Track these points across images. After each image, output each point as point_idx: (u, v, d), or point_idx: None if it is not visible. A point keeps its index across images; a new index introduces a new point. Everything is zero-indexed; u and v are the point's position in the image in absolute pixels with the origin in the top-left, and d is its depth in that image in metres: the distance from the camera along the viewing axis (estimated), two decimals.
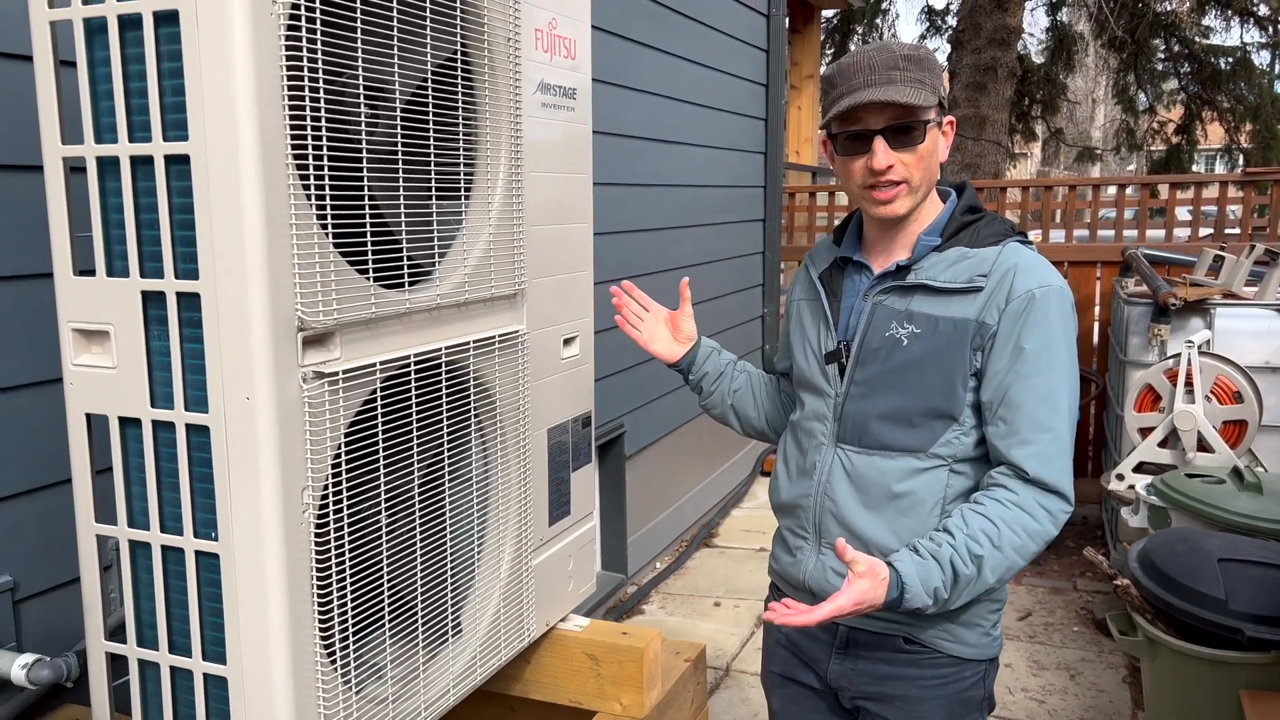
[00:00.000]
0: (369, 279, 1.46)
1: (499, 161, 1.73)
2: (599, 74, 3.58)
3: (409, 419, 1.56)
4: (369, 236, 1.46)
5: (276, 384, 1.32)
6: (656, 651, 2.05)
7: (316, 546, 1.41)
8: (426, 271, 1.61)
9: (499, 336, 1.76)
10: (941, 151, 1.61)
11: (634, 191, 4.20)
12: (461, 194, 1.68)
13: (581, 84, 2.03)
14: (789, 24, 7.25)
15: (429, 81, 1.55)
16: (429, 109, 1.55)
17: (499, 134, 1.73)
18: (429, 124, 1.56)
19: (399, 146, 1.50)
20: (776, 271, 6.06)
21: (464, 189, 1.68)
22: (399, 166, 1.51)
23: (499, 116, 1.73)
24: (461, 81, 1.63)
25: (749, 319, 5.76)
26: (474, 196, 1.71)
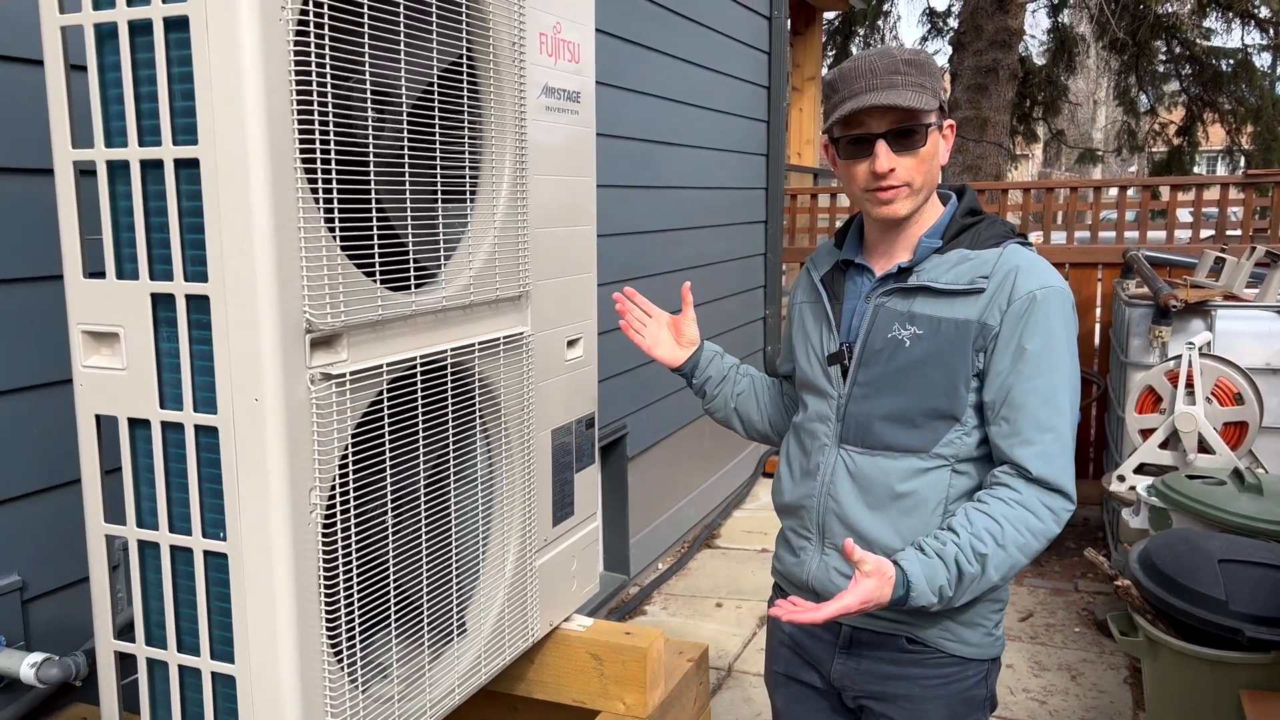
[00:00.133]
0: (376, 281, 1.47)
1: (504, 164, 1.75)
2: (602, 76, 3.59)
3: (415, 420, 1.58)
4: (376, 239, 1.47)
5: (285, 385, 1.34)
6: (660, 651, 2.06)
7: (324, 547, 1.42)
8: (432, 274, 1.62)
9: (504, 338, 1.78)
10: (942, 154, 1.63)
11: (636, 193, 4.21)
12: (467, 197, 1.69)
13: (585, 87, 2.05)
14: (790, 26, 7.25)
15: (435, 85, 1.56)
16: (435, 112, 1.56)
17: (504, 137, 1.74)
18: (435, 127, 1.57)
19: (405, 150, 1.52)
20: (778, 273, 6.07)
21: (469, 192, 1.69)
22: (405, 170, 1.52)
23: (504, 120, 1.74)
24: (467, 85, 1.64)
25: (750, 320, 5.77)
26: (479, 199, 1.72)
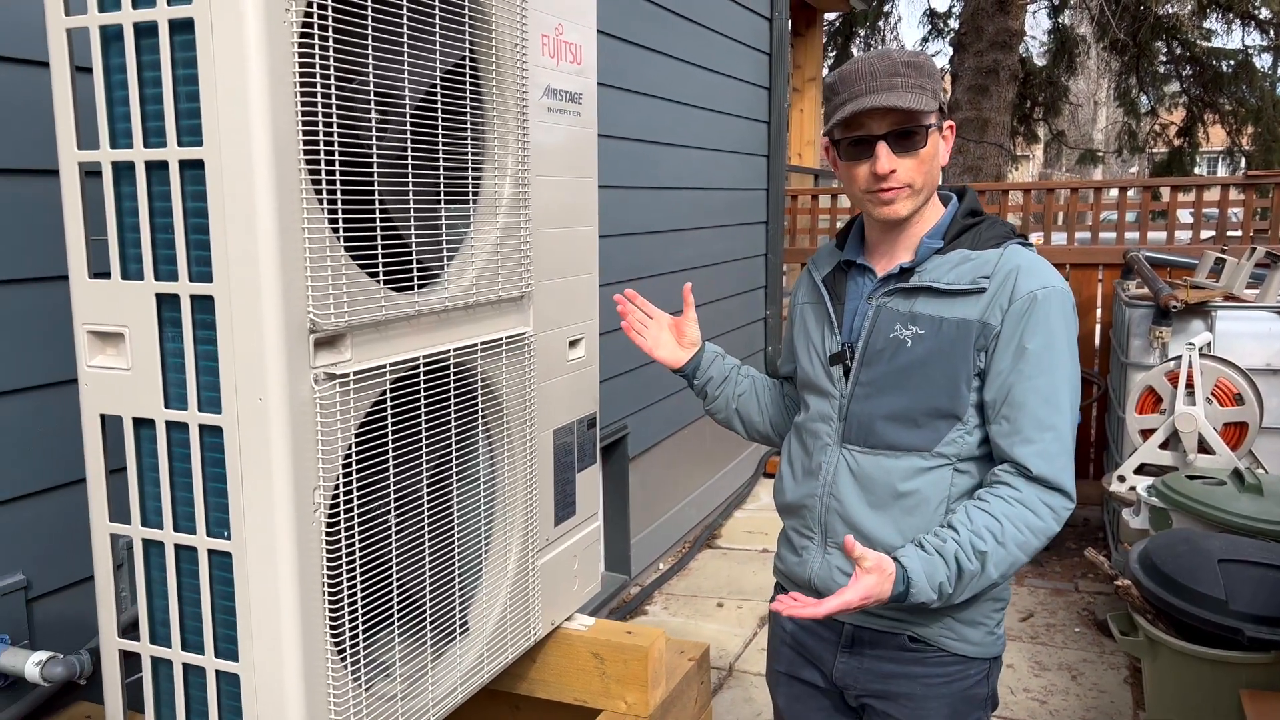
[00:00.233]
0: (379, 282, 1.48)
1: (506, 165, 1.76)
2: (603, 78, 3.60)
3: (418, 420, 1.58)
4: (379, 240, 1.48)
5: (289, 385, 1.34)
6: (661, 650, 2.06)
7: (327, 545, 1.43)
8: (435, 274, 1.63)
9: (506, 338, 1.78)
10: (942, 155, 1.64)
11: (638, 194, 4.21)
12: (469, 197, 1.70)
13: (587, 88, 2.05)
14: (791, 27, 7.26)
15: (438, 86, 1.57)
16: (438, 114, 1.57)
17: (506, 138, 1.75)
18: (438, 128, 1.58)
19: (408, 151, 1.52)
20: (779, 274, 6.08)
21: (472, 192, 1.70)
22: (408, 170, 1.53)
23: (506, 121, 1.75)
24: (470, 87, 1.65)
25: (751, 321, 5.78)
26: (481, 200, 1.72)
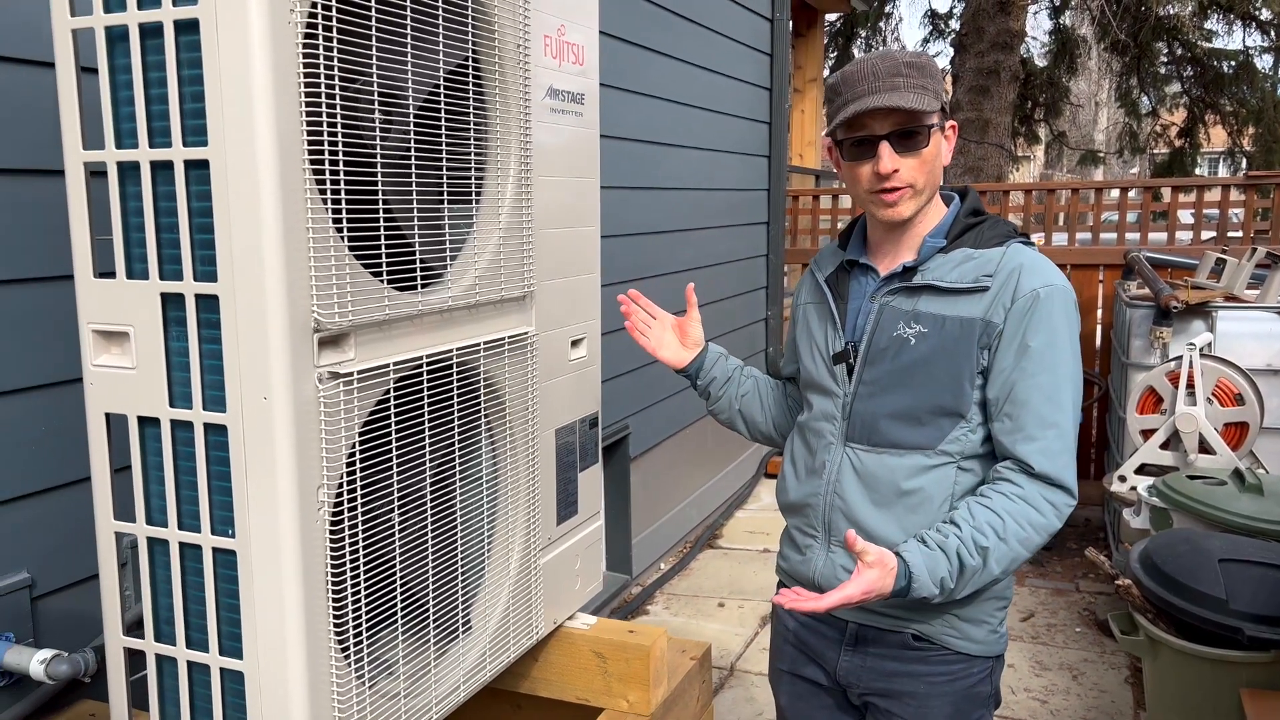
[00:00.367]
0: (382, 281, 1.48)
1: (509, 165, 1.76)
2: (605, 78, 3.60)
3: (421, 419, 1.59)
4: (383, 239, 1.48)
5: (293, 384, 1.35)
6: (663, 649, 2.07)
7: (331, 544, 1.43)
8: (438, 274, 1.63)
9: (509, 338, 1.79)
10: (945, 155, 1.64)
11: (639, 195, 4.22)
12: (472, 198, 1.70)
13: (589, 89, 2.06)
14: (792, 28, 7.27)
15: (441, 87, 1.57)
16: (441, 114, 1.58)
17: (509, 138, 1.76)
18: (441, 129, 1.58)
19: (411, 151, 1.53)
20: (780, 274, 6.09)
21: (475, 193, 1.71)
22: (411, 171, 1.54)
23: (509, 121, 1.76)
24: (473, 87, 1.66)
25: (752, 321, 5.78)
26: (484, 200, 1.73)
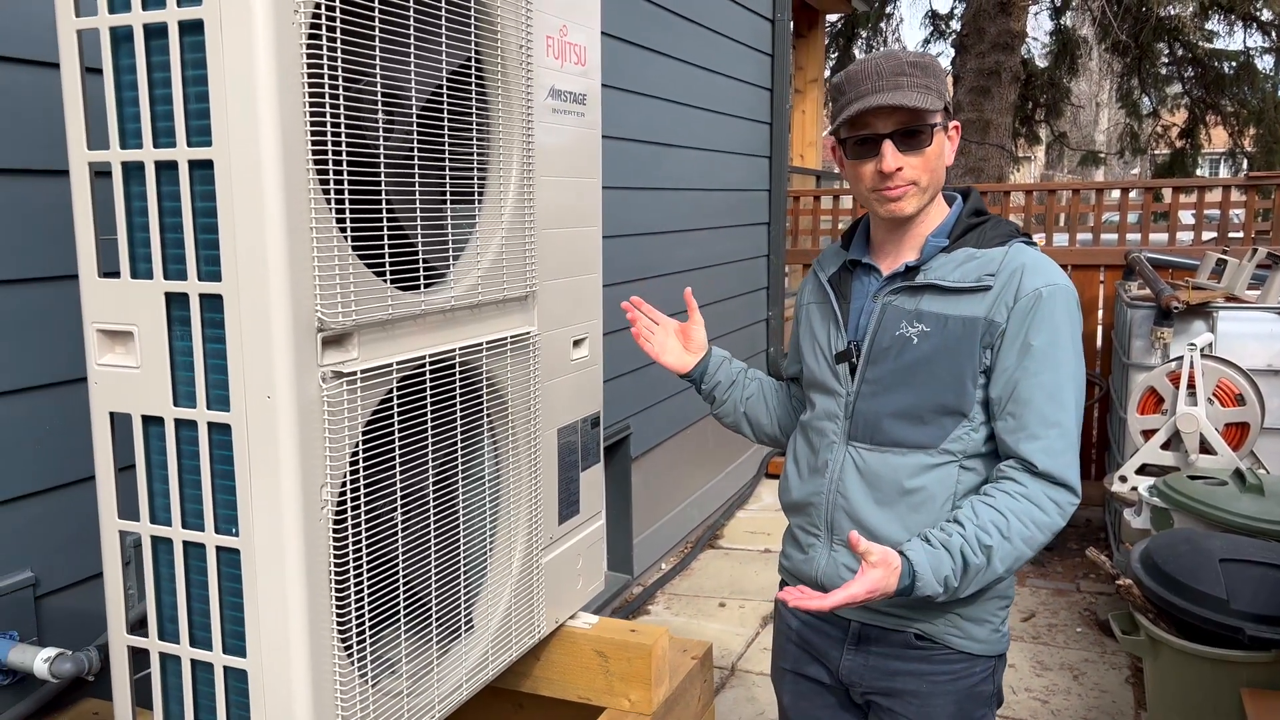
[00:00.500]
0: (385, 281, 1.49)
1: (511, 166, 1.77)
2: (606, 79, 3.61)
3: (424, 418, 1.60)
4: (386, 239, 1.49)
5: (297, 383, 1.35)
6: (664, 649, 2.07)
7: (334, 542, 1.44)
8: (441, 274, 1.64)
9: (511, 337, 1.79)
10: (948, 155, 1.65)
11: (641, 195, 4.23)
12: (475, 198, 1.71)
13: (591, 89, 2.06)
14: (793, 28, 7.28)
15: (444, 87, 1.58)
16: (444, 114, 1.58)
17: (511, 139, 1.76)
18: (444, 129, 1.59)
19: (415, 151, 1.54)
20: (781, 274, 6.09)
21: (477, 193, 1.71)
22: (415, 171, 1.54)
23: (511, 122, 1.76)
24: (475, 88, 1.66)
25: (753, 322, 5.79)
26: (487, 200, 1.74)
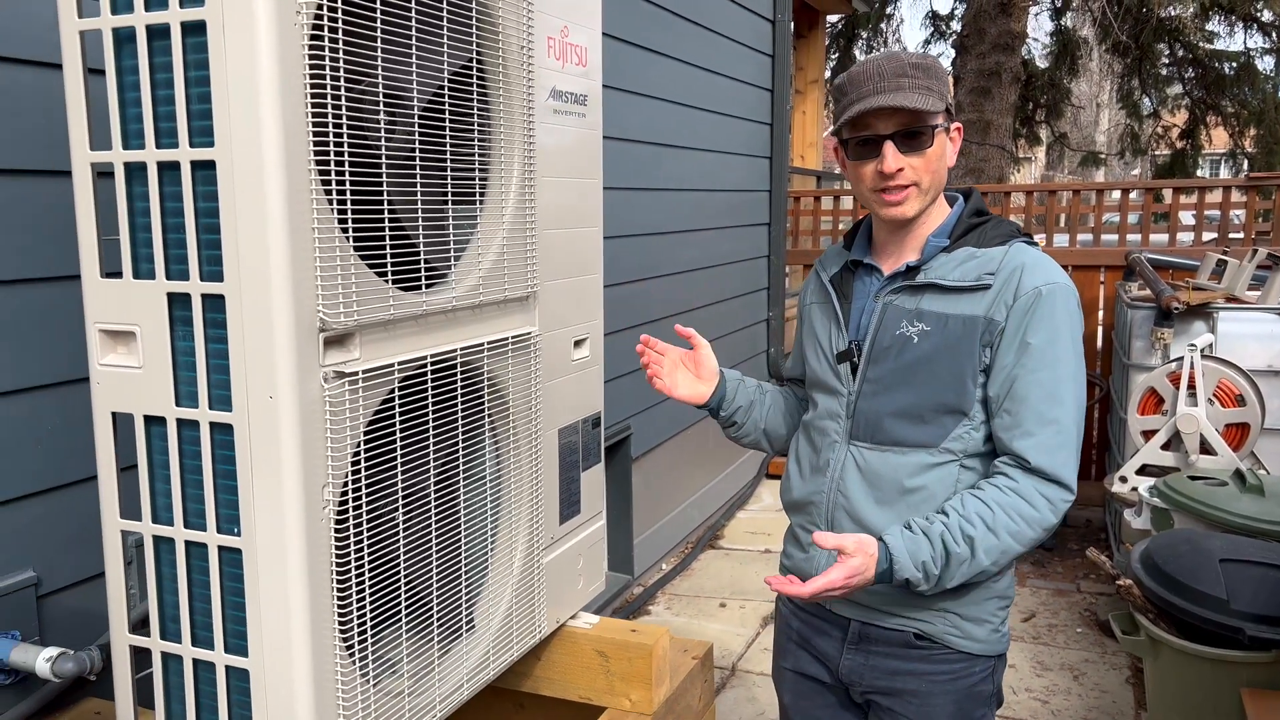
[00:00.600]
0: (387, 281, 1.49)
1: (512, 166, 1.77)
2: (607, 80, 3.61)
3: (425, 418, 1.60)
4: (387, 240, 1.49)
5: (299, 383, 1.36)
6: (665, 649, 2.08)
7: (336, 542, 1.44)
8: (442, 274, 1.64)
9: (512, 338, 1.80)
10: (950, 156, 1.65)
11: (642, 196, 4.23)
12: (476, 198, 1.71)
13: (592, 90, 2.07)
14: (794, 29, 7.28)
15: (445, 88, 1.58)
16: (445, 115, 1.59)
17: (512, 139, 1.77)
18: (445, 130, 1.59)
19: (416, 152, 1.54)
20: (781, 275, 6.09)
21: (479, 193, 1.71)
22: (416, 171, 1.54)
23: (512, 122, 1.76)
24: (477, 88, 1.66)
25: (754, 322, 5.79)
26: (488, 200, 1.74)
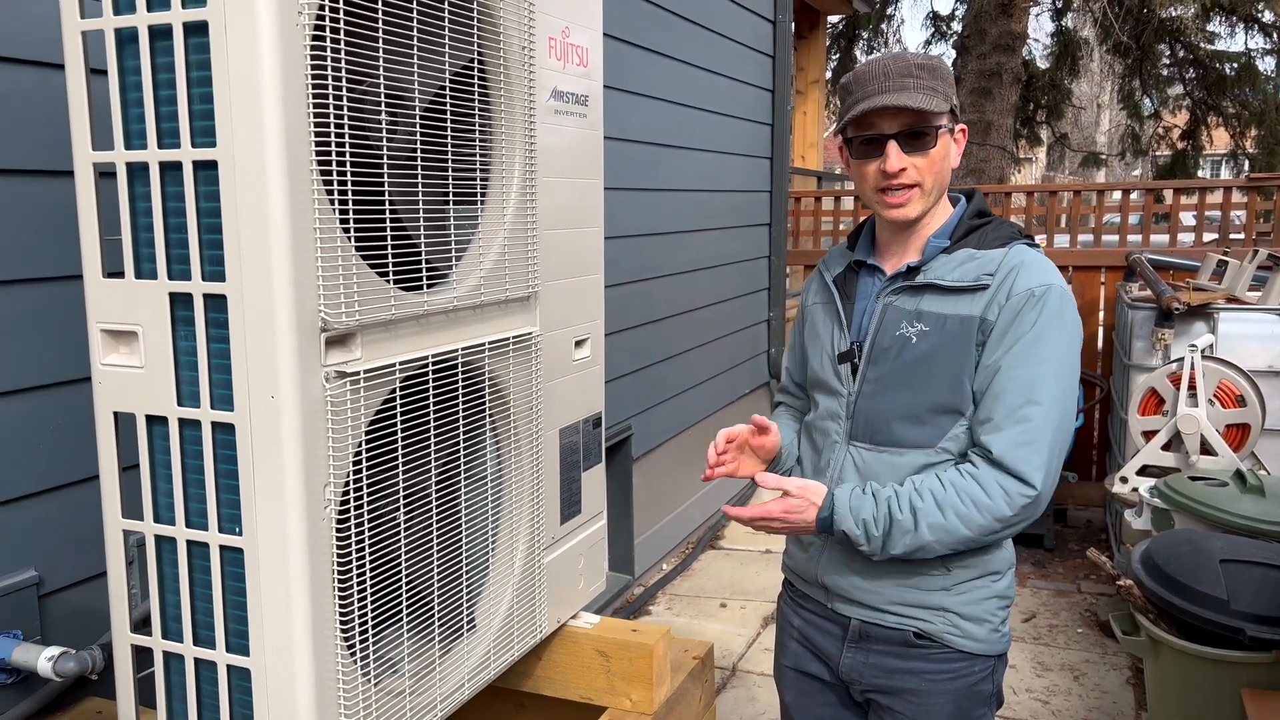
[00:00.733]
0: (389, 281, 1.49)
1: (513, 166, 1.77)
2: (608, 80, 3.61)
3: (426, 418, 1.60)
4: (389, 240, 1.50)
5: (300, 383, 1.36)
6: (665, 649, 2.08)
7: (338, 542, 1.44)
8: (443, 274, 1.64)
9: (513, 338, 1.80)
10: (953, 157, 1.66)
11: (642, 196, 4.23)
12: (477, 198, 1.71)
13: (593, 90, 2.07)
14: (794, 30, 7.29)
15: (447, 88, 1.58)
16: (447, 116, 1.59)
17: (513, 140, 1.77)
18: (447, 130, 1.59)
19: (418, 152, 1.54)
20: (782, 275, 6.09)
21: (480, 193, 1.72)
22: (418, 171, 1.55)
23: (513, 122, 1.77)
24: (478, 89, 1.67)
25: (754, 323, 5.79)
26: (489, 201, 1.74)
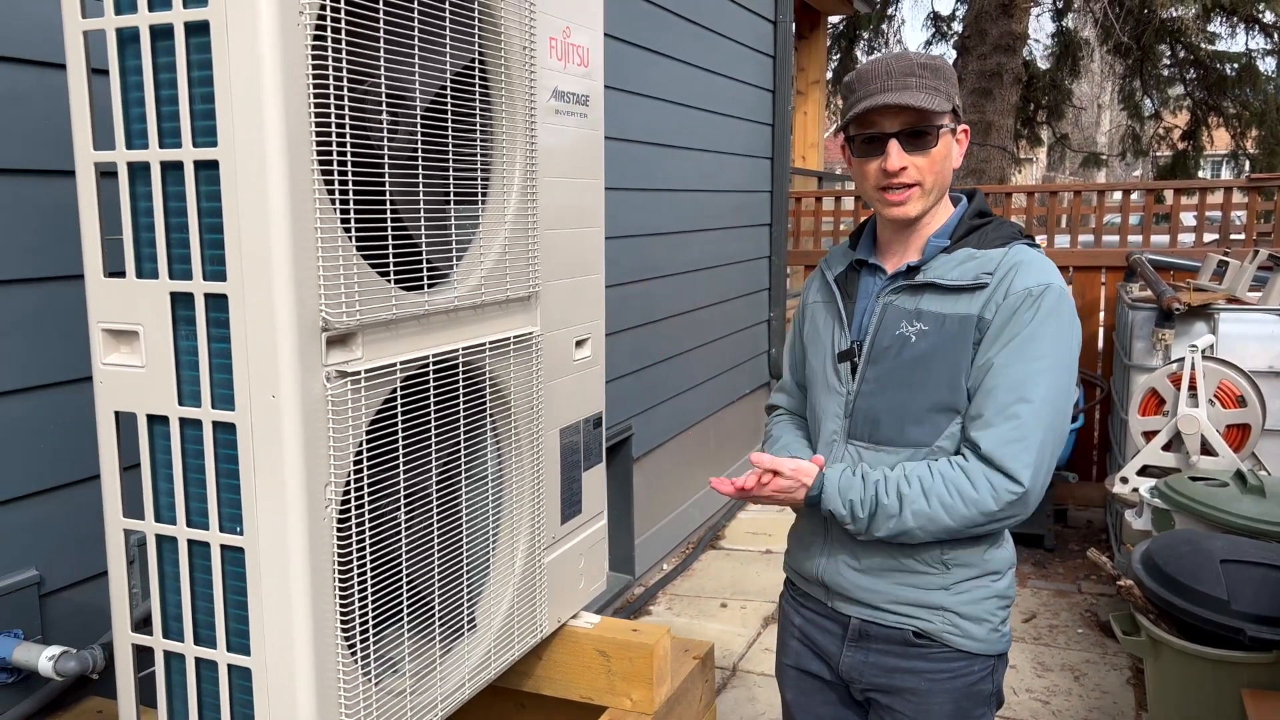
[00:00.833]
0: (389, 281, 1.50)
1: (514, 166, 1.77)
2: (609, 80, 3.61)
3: (427, 418, 1.60)
4: (390, 240, 1.50)
5: (301, 383, 1.36)
6: (666, 648, 2.08)
7: (338, 541, 1.44)
8: (444, 274, 1.64)
9: (514, 338, 1.80)
10: (955, 157, 1.66)
11: (642, 196, 4.23)
12: (478, 198, 1.71)
13: (594, 90, 2.07)
14: (795, 30, 7.29)
15: (448, 88, 1.59)
16: (448, 115, 1.59)
17: (514, 140, 1.77)
18: (448, 130, 1.59)
19: (419, 152, 1.54)
20: (783, 275, 6.09)
21: (480, 193, 1.72)
22: (419, 171, 1.55)
23: (514, 122, 1.77)
24: (479, 89, 1.67)
25: (755, 323, 5.79)
26: (490, 200, 1.74)
